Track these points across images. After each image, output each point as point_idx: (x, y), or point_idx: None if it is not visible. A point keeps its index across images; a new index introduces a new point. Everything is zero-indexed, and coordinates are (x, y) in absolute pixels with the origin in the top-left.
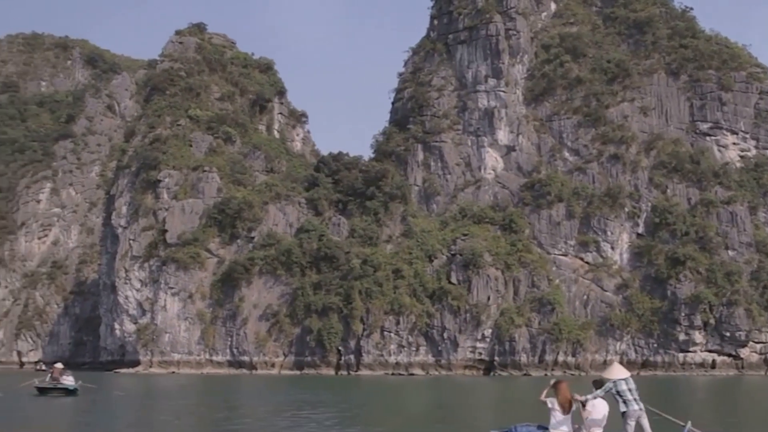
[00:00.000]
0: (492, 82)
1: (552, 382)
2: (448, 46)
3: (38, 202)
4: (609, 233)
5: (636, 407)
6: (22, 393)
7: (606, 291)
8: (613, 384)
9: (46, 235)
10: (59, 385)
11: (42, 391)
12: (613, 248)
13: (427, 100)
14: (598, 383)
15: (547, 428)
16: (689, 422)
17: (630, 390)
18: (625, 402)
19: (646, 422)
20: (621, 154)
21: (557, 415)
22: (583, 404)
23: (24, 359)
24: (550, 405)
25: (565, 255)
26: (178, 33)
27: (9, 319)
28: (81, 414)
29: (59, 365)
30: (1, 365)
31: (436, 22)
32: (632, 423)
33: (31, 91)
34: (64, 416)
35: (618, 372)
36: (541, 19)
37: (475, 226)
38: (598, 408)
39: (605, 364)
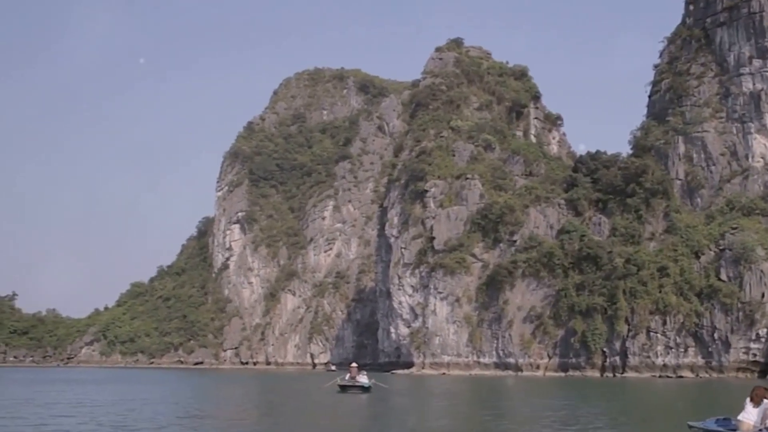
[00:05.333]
0: (757, 63)
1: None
2: (706, 30)
3: (323, 219)
4: None
5: None
6: (330, 390)
7: None
8: None
9: (330, 249)
10: (356, 383)
11: (343, 388)
12: None
13: (686, 89)
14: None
15: (728, 419)
16: None
17: None
18: None
19: None
20: None
21: (747, 407)
22: None
23: (316, 361)
24: (745, 402)
25: None
26: (437, 50)
27: (303, 325)
28: (379, 409)
29: (354, 365)
30: (297, 366)
31: (691, 7)
32: None
33: (315, 120)
34: (363, 410)
35: None
36: None
37: (744, 219)
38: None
39: None
